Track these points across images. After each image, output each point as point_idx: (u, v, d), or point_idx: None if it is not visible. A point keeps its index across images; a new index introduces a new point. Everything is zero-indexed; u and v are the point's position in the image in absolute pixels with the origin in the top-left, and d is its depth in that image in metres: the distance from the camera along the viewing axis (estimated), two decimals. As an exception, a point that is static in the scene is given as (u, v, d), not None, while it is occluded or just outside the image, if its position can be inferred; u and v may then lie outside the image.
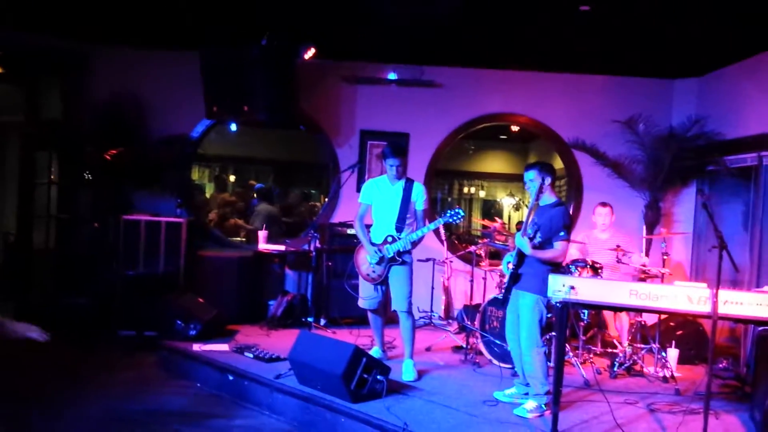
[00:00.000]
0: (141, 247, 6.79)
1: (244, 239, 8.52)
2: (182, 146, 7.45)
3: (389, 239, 5.14)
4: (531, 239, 4.41)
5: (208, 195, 10.70)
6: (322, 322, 6.74)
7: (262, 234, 7.41)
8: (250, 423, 4.66)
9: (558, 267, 4.54)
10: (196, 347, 5.73)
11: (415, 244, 5.16)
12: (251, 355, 5.50)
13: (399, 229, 5.15)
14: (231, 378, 5.21)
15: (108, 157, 6.78)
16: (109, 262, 6.86)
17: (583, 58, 7.01)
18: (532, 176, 4.55)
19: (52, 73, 7.51)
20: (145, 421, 4.55)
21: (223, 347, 5.77)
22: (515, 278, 4.52)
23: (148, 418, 4.60)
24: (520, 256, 4.48)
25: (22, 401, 4.69)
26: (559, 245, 4.42)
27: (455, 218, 5.08)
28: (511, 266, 4.53)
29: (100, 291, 6.87)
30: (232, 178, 12.26)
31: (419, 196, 5.21)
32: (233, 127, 8.90)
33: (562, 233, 4.41)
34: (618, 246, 5.73)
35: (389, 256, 5.13)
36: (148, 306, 6.37)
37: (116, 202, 7.20)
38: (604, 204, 6.20)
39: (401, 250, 5.11)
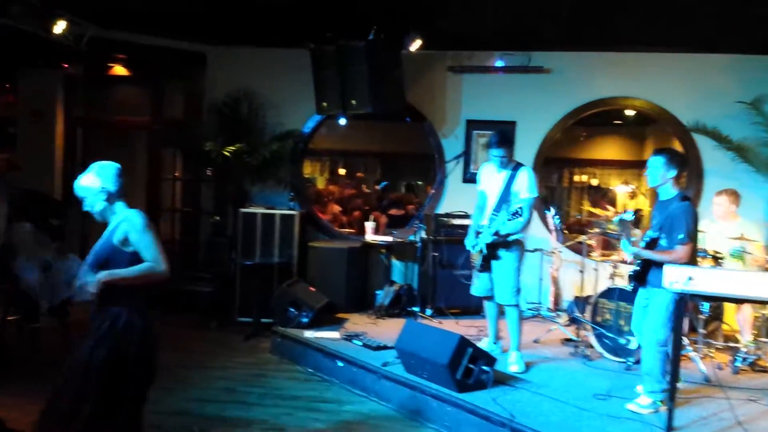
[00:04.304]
0: (257, 238, 7.13)
1: (354, 230, 8.74)
2: (295, 141, 7.73)
3: (481, 231, 5.05)
4: (650, 244, 4.16)
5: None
6: (428, 312, 6.78)
7: (369, 225, 7.57)
8: (359, 408, 4.80)
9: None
10: (308, 334, 5.95)
11: (504, 236, 4.89)
12: (360, 343, 5.64)
13: (492, 220, 4.99)
14: (341, 364, 5.38)
15: (226, 153, 7.15)
16: (229, 253, 7.26)
17: (703, 35, 6.60)
18: (657, 164, 4.12)
19: (175, 74, 8.03)
20: (260, 403, 4.81)
21: (334, 334, 5.95)
22: (640, 278, 4.25)
23: (263, 400, 4.86)
24: (643, 263, 4.25)
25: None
26: (679, 248, 3.97)
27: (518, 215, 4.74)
28: (629, 258, 4.31)
29: (220, 279, 7.29)
30: (342, 171, 12.58)
31: (523, 184, 4.96)
32: (342, 121, 9.11)
33: (680, 235, 3.96)
34: (742, 235, 5.39)
35: (479, 247, 5.03)
36: (263, 294, 6.69)
37: (235, 196, 7.61)
38: (719, 193, 5.84)
39: (489, 242, 4.94)
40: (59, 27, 6.35)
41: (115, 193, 3.26)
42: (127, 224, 3.23)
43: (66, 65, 7.80)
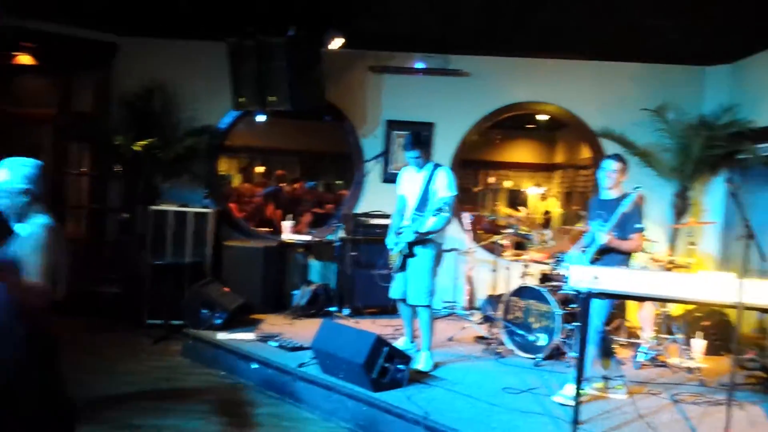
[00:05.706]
0: (168, 237, 6.89)
1: (270, 229, 8.61)
2: (210, 137, 7.52)
3: (402, 231, 5.08)
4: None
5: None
6: (346, 311, 6.78)
7: (287, 224, 7.47)
8: (274, 411, 4.72)
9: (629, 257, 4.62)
10: (222, 336, 5.82)
11: (425, 233, 4.95)
12: (275, 344, 5.56)
13: (414, 219, 5.01)
14: (255, 366, 5.28)
15: (137, 148, 6.87)
16: (138, 252, 6.99)
17: (612, 45, 6.90)
18: (615, 168, 4.59)
19: (83, 65, 7.64)
20: (171, 408, 4.65)
21: (248, 336, 5.84)
22: None
23: (175, 406, 4.70)
24: (599, 252, 4.52)
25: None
26: (635, 236, 4.50)
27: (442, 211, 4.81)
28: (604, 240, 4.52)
29: (128, 280, 7.00)
30: (261, 169, 12.38)
31: (441, 182, 4.99)
32: (260, 117, 8.95)
33: (637, 225, 4.49)
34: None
35: (401, 246, 5.06)
36: (175, 295, 6.48)
37: (145, 193, 7.32)
38: None
39: (410, 241, 4.97)
40: (-45, 10, 5.94)
41: (39, 195, 2.81)
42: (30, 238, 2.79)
43: (-35, 52, 7.29)
